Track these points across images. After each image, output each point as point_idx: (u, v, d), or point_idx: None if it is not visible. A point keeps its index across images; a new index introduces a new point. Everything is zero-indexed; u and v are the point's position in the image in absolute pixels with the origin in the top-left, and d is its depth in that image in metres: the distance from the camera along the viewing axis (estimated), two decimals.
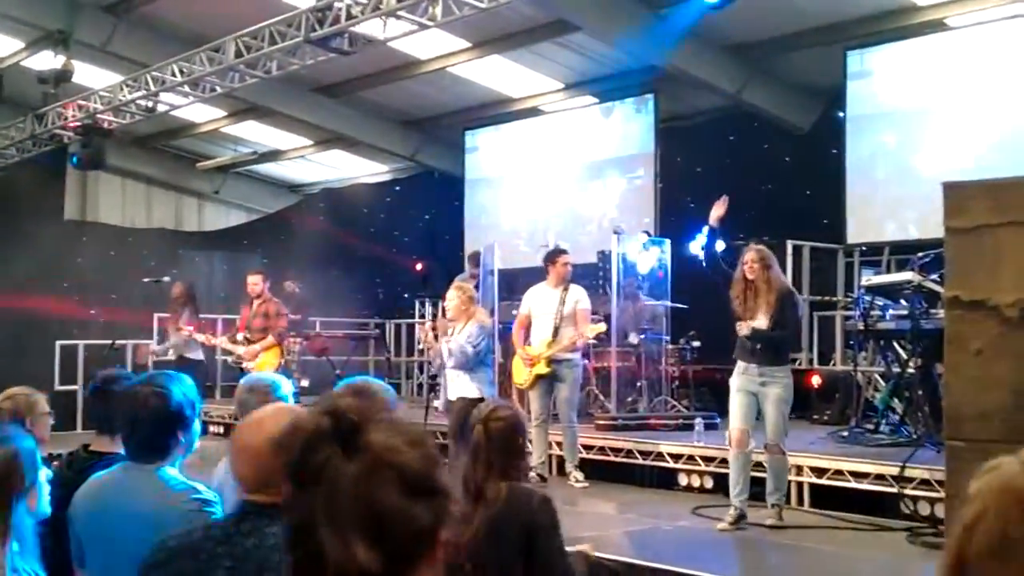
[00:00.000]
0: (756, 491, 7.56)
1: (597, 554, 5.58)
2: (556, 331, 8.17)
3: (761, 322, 6.44)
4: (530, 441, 8.26)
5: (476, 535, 3.18)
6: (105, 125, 12.60)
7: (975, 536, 1.27)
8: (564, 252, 8.52)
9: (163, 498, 2.76)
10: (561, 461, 8.45)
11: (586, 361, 9.39)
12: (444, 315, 8.08)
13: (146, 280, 10.39)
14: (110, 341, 10.28)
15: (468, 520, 3.19)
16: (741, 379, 6.51)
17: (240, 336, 9.53)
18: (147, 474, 2.83)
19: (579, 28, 11.01)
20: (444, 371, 7.88)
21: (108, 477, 2.91)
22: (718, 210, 6.88)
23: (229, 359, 9.63)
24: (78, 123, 12.27)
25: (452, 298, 7.77)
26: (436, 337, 8.17)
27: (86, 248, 15.47)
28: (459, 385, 7.57)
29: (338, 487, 1.19)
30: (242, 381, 3.80)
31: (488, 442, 3.31)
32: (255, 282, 9.58)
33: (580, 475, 8.14)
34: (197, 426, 3.00)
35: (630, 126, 12.90)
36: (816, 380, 10.47)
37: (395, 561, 1.19)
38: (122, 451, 3.02)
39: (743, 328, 6.45)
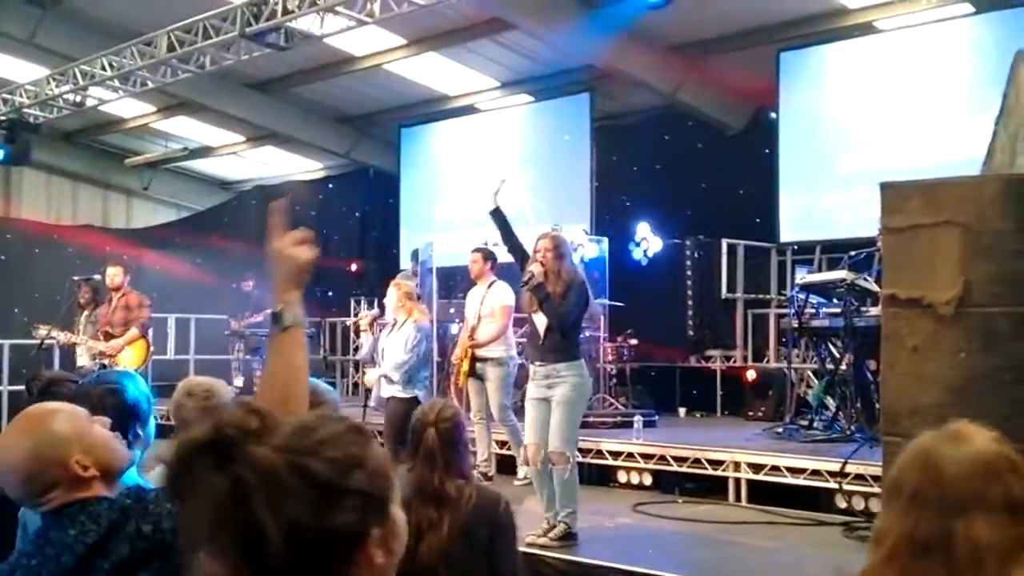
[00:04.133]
0: (704, 487, 7.69)
1: (541, 552, 5.62)
2: (473, 330, 8.14)
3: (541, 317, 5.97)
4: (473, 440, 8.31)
5: (449, 538, 3.15)
6: (31, 120, 12.30)
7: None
8: (474, 250, 8.42)
9: None
10: (502, 459, 8.46)
11: (524, 360, 9.32)
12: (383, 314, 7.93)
13: (75, 278, 10.09)
14: (38, 341, 9.97)
15: (435, 525, 3.16)
16: (530, 385, 6.09)
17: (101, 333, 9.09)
18: None
19: (515, 26, 11.02)
20: (374, 365, 7.73)
21: None
22: (497, 186, 6.55)
23: (87, 358, 9.13)
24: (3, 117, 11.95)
25: (390, 295, 7.69)
26: (371, 326, 8.00)
27: (9, 245, 15.05)
28: (393, 385, 7.45)
29: (206, 503, 1.14)
30: (180, 384, 3.66)
31: (441, 444, 3.28)
32: (115, 274, 9.15)
33: (523, 471, 8.14)
34: (153, 420, 2.95)
35: (566, 125, 12.92)
36: (751, 375, 10.65)
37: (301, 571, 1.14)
38: None
39: (526, 274, 5.99)
